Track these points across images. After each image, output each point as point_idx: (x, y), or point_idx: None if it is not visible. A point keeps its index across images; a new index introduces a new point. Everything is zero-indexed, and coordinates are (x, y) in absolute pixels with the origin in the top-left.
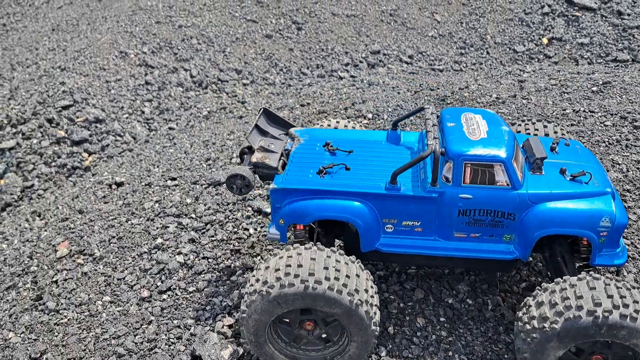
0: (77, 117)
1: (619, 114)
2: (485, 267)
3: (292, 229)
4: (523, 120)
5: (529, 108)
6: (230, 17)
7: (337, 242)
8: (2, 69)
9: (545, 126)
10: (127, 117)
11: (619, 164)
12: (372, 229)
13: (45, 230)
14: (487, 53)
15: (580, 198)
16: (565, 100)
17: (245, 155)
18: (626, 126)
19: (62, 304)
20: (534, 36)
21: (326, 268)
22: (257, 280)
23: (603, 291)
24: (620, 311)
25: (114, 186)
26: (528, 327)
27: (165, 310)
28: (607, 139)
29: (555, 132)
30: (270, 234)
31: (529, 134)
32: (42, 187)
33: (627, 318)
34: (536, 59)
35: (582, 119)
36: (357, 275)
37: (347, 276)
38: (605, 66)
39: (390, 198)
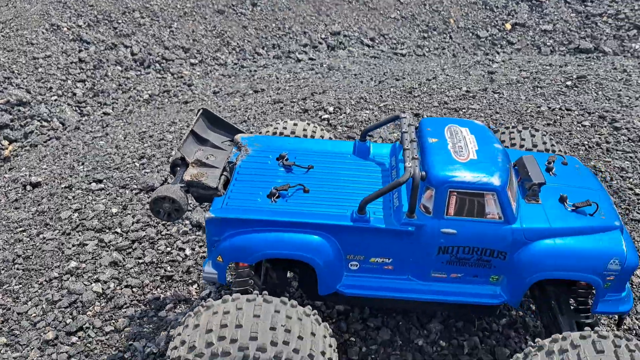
0: None
1: (597, 113)
2: (464, 312)
3: (235, 265)
4: (507, 127)
5: (501, 104)
6: None
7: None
8: None
9: (532, 135)
10: (55, 100)
11: (601, 172)
12: (333, 269)
13: None
14: (450, 38)
15: (584, 234)
16: (539, 95)
17: (178, 168)
18: (605, 127)
19: None
20: (497, 21)
21: (273, 329)
22: (183, 343)
23: (613, 356)
24: None
25: (29, 187)
26: None
27: (73, 359)
28: (586, 142)
29: (545, 143)
30: (205, 273)
31: (514, 144)
32: None
33: None
34: (499, 45)
35: (558, 117)
36: (313, 334)
37: (300, 337)
38: (577, 58)
39: (358, 231)
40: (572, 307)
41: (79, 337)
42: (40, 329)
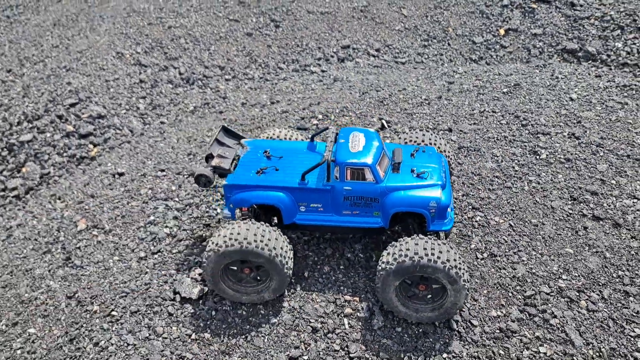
0: (83, 114)
1: (515, 114)
2: (365, 233)
3: (240, 210)
4: (410, 129)
5: (447, 109)
6: (215, 17)
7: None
8: (11, 63)
9: (424, 134)
10: (125, 113)
11: (497, 156)
12: (290, 210)
13: (67, 211)
14: (449, 44)
15: (419, 188)
16: (478, 101)
17: (210, 159)
18: (516, 124)
19: (85, 262)
20: (492, 27)
21: (255, 234)
22: (213, 243)
23: (421, 245)
24: (427, 257)
25: (116, 176)
26: (379, 267)
27: (156, 265)
28: (497, 135)
29: (430, 139)
30: (223, 214)
31: (410, 140)
32: (57, 174)
33: (431, 261)
34: (493, 49)
35: (483, 118)
36: (276, 239)
37: (269, 239)
38: (528, 65)
39: (301, 190)
40: (421, 228)
41: (159, 255)
42: (136, 252)
